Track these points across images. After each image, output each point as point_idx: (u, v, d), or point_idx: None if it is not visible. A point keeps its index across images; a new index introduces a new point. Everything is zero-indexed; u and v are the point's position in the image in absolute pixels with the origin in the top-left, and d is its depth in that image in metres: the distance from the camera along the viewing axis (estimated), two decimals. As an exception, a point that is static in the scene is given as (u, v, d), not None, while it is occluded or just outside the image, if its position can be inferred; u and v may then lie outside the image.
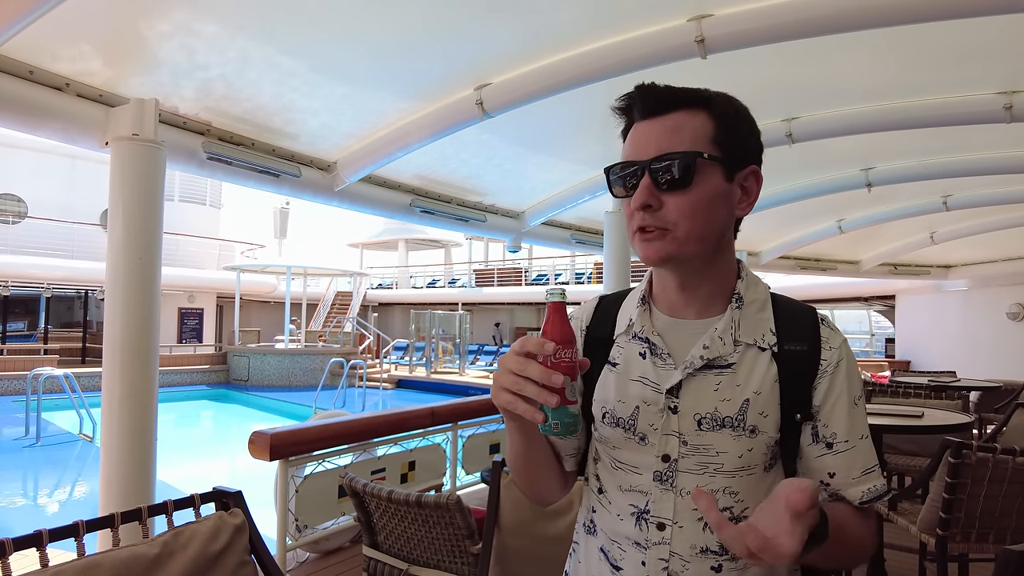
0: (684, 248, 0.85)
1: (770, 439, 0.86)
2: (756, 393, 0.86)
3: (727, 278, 0.91)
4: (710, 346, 0.87)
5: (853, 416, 0.87)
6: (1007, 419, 4.12)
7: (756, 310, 0.90)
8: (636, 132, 0.88)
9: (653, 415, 0.88)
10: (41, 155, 18.44)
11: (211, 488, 1.63)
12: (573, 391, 0.75)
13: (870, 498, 0.86)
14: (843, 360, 0.88)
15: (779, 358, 0.87)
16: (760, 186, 0.90)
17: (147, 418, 3.11)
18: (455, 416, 4.27)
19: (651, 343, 0.90)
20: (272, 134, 4.12)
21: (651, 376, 0.89)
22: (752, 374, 0.86)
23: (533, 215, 6.27)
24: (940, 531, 2.40)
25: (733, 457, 0.85)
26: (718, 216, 0.86)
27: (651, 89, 0.87)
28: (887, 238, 8.92)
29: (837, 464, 0.86)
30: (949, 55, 3.43)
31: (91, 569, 1.28)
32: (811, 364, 0.87)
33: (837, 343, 0.89)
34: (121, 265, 3.08)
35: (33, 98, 3.02)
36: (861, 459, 0.86)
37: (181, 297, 20.39)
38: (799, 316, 0.91)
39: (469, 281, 26.30)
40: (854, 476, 0.86)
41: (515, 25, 3.18)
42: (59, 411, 11.21)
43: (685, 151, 0.83)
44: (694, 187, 0.83)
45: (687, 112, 0.85)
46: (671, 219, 0.84)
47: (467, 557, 2.14)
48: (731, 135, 0.86)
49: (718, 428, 0.85)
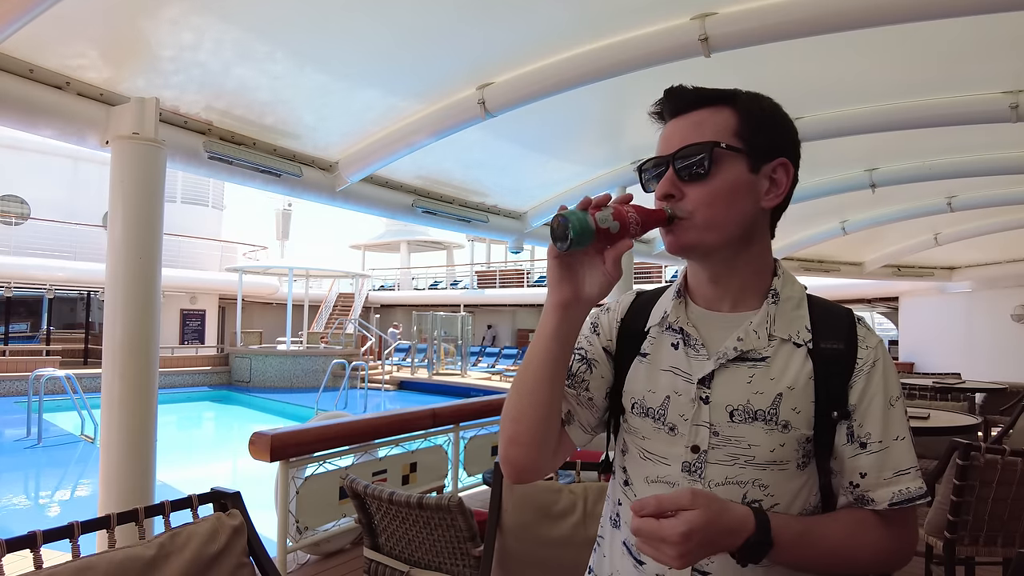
0: (704, 237, 0.86)
1: (802, 436, 0.85)
2: (790, 388, 0.85)
3: (761, 273, 0.92)
4: (744, 338, 0.87)
5: (888, 416, 0.86)
6: (1014, 421, 4.10)
7: (792, 307, 0.90)
8: (664, 131, 0.91)
9: (684, 405, 0.88)
10: (44, 156, 18.50)
11: (209, 489, 1.61)
12: (605, 219, 0.79)
13: (900, 500, 0.84)
14: (879, 360, 0.87)
15: (815, 355, 0.87)
16: (790, 178, 0.90)
17: (147, 419, 3.09)
18: (457, 417, 4.25)
19: (685, 333, 0.91)
20: (274, 134, 4.11)
21: (683, 366, 0.90)
22: (787, 369, 0.86)
23: (536, 216, 6.25)
24: (948, 534, 2.37)
25: (765, 451, 0.85)
26: (740, 206, 0.87)
27: (678, 91, 0.90)
28: (891, 239, 8.87)
29: (869, 464, 0.85)
30: (954, 54, 3.40)
31: (85, 571, 1.26)
32: (847, 363, 0.87)
33: (873, 343, 0.88)
34: (121, 264, 3.07)
35: (33, 97, 3.01)
36: (894, 460, 0.85)
37: (183, 298, 20.41)
38: (835, 315, 0.91)
39: (471, 283, 26.28)
40: (885, 477, 0.85)
41: (517, 24, 3.16)
42: (61, 412, 11.21)
43: (703, 142, 0.85)
44: (713, 177, 0.85)
45: (711, 109, 0.88)
46: (689, 208, 0.86)
47: (469, 559, 2.11)
48: (755, 128, 0.87)
49: (751, 421, 0.85)
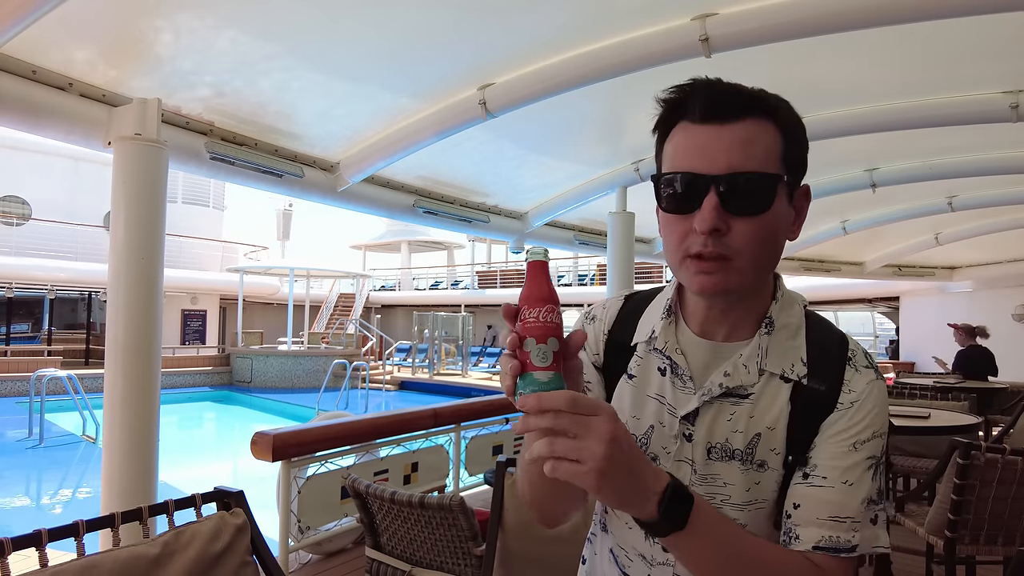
0: (743, 280, 0.75)
1: (780, 475, 0.79)
2: (769, 428, 0.79)
3: (763, 300, 0.83)
4: (732, 374, 0.80)
5: (845, 457, 0.76)
6: (1014, 420, 4.10)
7: (787, 336, 0.82)
8: (697, 137, 0.74)
9: (667, 439, 0.83)
10: (45, 157, 18.51)
11: (213, 488, 1.62)
12: (542, 355, 0.64)
13: (826, 546, 0.74)
14: (859, 403, 0.78)
15: (794, 394, 0.79)
16: (809, 206, 0.81)
17: (149, 419, 3.10)
18: (458, 417, 4.26)
19: (673, 362, 0.84)
20: (275, 134, 4.12)
21: (668, 396, 0.83)
22: (771, 408, 0.79)
23: (536, 216, 6.26)
24: (948, 533, 2.38)
25: (740, 490, 0.80)
26: (780, 244, 0.77)
27: (717, 87, 0.75)
28: (891, 239, 8.87)
29: (804, 496, 0.77)
30: (954, 54, 3.40)
31: (90, 569, 1.26)
32: (826, 407, 0.78)
33: (860, 386, 0.78)
34: (123, 264, 3.08)
35: (36, 98, 3.02)
36: (834, 503, 0.75)
37: (184, 299, 20.42)
38: (829, 347, 0.81)
39: (472, 283, 26.28)
40: (819, 516, 0.75)
41: (519, 25, 3.17)
42: (62, 412, 11.22)
43: (766, 172, 0.73)
44: (767, 213, 0.73)
45: (757, 122, 0.74)
46: (736, 247, 0.72)
47: (470, 559, 2.12)
48: (796, 151, 0.76)
49: (727, 459, 0.80)
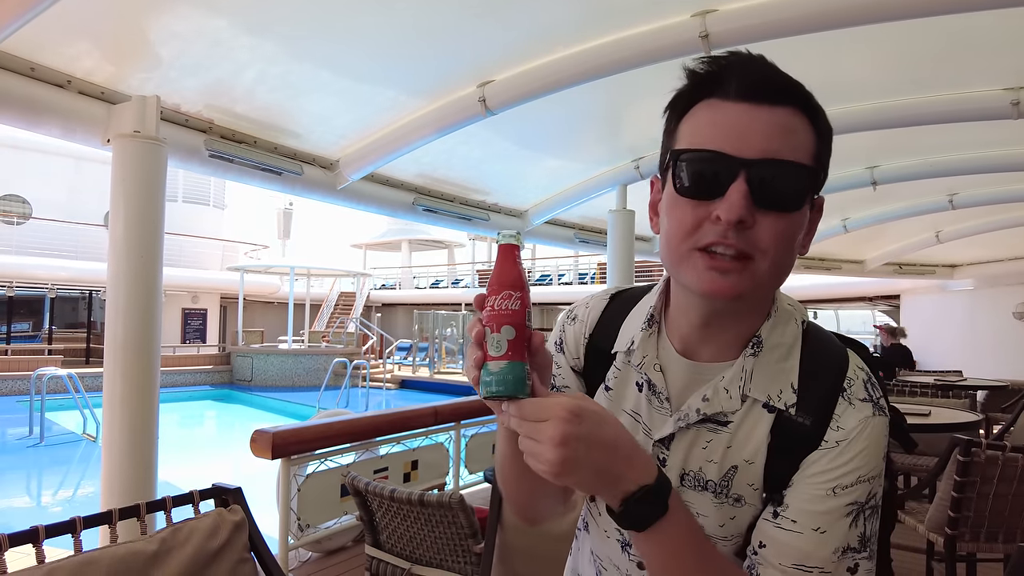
0: (759, 285, 0.66)
1: (758, 511, 0.72)
2: (747, 462, 0.71)
3: (758, 317, 0.73)
4: (711, 399, 0.72)
5: (821, 502, 0.67)
6: (1015, 418, 4.10)
7: (778, 358, 0.72)
8: (729, 115, 0.64)
9: None
10: (45, 156, 18.50)
11: (210, 485, 1.61)
12: (496, 344, 0.60)
13: None
14: (847, 443, 0.68)
15: (776, 426, 0.70)
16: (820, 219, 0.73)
17: (148, 417, 3.10)
18: (458, 415, 4.26)
19: (650, 380, 0.76)
20: (274, 132, 4.11)
21: (644, 415, 0.77)
22: (750, 439, 0.71)
23: (536, 214, 6.25)
24: (949, 530, 2.37)
25: (714, 523, 0.73)
26: (795, 254, 0.68)
27: (761, 63, 0.66)
28: (892, 237, 8.87)
29: (772, 539, 0.69)
30: (955, 51, 3.40)
31: (87, 566, 1.26)
32: (810, 444, 0.69)
33: (849, 424, 0.68)
34: (123, 263, 3.08)
35: (35, 95, 3.02)
36: (801, 550, 0.67)
37: (185, 298, 20.42)
38: (822, 375, 0.71)
39: (472, 281, 26.28)
40: (782, 562, 0.68)
41: (518, 22, 3.16)
42: (63, 411, 11.23)
43: (805, 164, 0.65)
44: (796, 212, 0.65)
45: (797, 113, 0.65)
46: (761, 245, 0.64)
47: (470, 556, 2.12)
48: (825, 155, 0.69)
49: (700, 489, 0.73)
